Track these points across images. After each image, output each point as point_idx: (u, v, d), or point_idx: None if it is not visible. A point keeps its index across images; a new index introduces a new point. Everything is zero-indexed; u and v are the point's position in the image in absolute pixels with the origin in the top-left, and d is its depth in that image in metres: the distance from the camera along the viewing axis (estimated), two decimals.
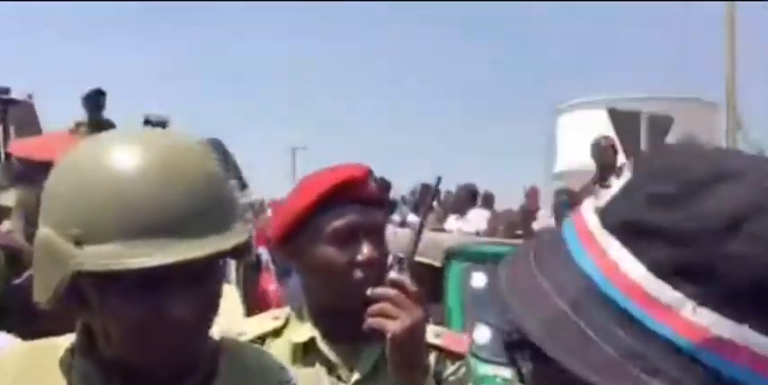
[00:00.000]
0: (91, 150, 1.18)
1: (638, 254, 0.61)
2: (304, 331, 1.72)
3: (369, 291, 1.58)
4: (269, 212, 8.12)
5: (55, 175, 1.20)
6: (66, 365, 1.27)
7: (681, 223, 0.59)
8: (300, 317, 1.76)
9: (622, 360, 0.60)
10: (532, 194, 8.73)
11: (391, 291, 1.56)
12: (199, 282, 1.18)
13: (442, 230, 7.65)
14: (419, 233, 1.68)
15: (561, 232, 0.69)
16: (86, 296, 1.20)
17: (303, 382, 1.61)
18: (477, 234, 7.42)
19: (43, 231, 1.18)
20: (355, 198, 1.68)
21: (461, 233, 7.55)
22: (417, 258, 5.67)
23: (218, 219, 1.18)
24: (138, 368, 1.23)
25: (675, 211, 0.59)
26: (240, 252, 1.25)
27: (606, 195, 0.67)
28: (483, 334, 5.02)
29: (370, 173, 1.71)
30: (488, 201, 11.78)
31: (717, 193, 0.59)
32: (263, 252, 6.85)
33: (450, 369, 1.72)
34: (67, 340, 1.31)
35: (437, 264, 5.09)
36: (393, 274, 1.59)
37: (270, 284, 6.48)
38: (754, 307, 0.57)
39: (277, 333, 1.75)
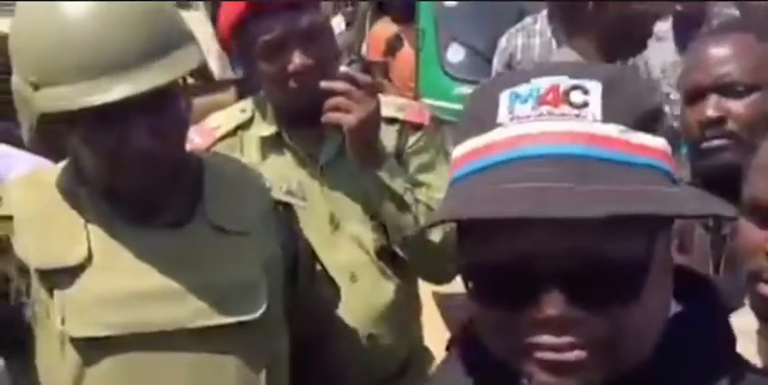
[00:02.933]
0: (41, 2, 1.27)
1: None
2: (269, 124, 1.80)
3: (321, 84, 1.63)
4: None
5: (14, 26, 1.28)
6: (69, 192, 1.35)
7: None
8: (264, 110, 1.81)
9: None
10: None
11: (343, 85, 1.63)
12: (157, 111, 1.26)
13: None
14: (363, 23, 1.70)
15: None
16: (61, 134, 1.30)
17: (275, 171, 1.72)
18: None
19: (14, 79, 1.29)
20: (282, 5, 1.67)
21: None
22: None
23: (159, 51, 1.24)
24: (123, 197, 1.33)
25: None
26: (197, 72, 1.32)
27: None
28: (456, 53, 5.06)
29: None
30: None
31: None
32: None
33: (412, 140, 1.81)
34: (57, 170, 1.39)
35: None
36: (343, 68, 1.66)
37: None
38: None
39: (247, 125, 1.82)
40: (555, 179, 0.68)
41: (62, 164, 1.40)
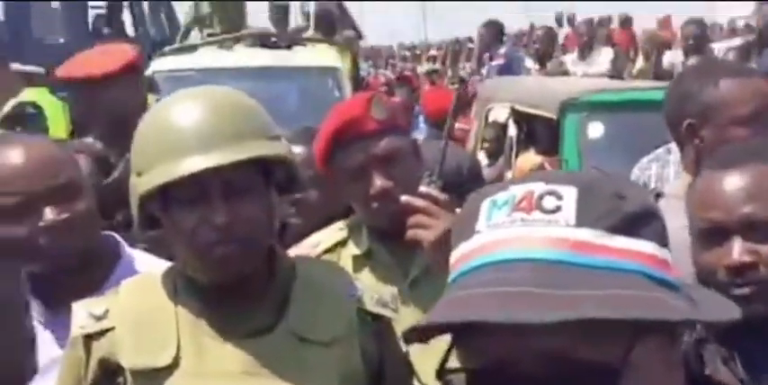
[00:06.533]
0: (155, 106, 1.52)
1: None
2: (362, 242, 1.94)
3: (402, 198, 1.74)
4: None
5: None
6: (170, 290, 1.47)
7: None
8: (359, 229, 1.96)
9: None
10: (665, 23, 8.31)
11: (422, 202, 1.71)
12: (236, 196, 1.38)
13: (565, 74, 7.43)
14: (445, 148, 1.79)
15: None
16: (158, 217, 1.45)
17: (366, 287, 1.76)
18: (611, 77, 7.12)
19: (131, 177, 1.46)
20: (359, 135, 1.82)
21: (586, 76, 7.31)
22: (531, 111, 5.62)
23: (233, 138, 1.38)
24: (210, 284, 1.43)
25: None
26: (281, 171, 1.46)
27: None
28: None
29: (371, 104, 1.83)
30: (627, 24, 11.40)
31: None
32: None
33: None
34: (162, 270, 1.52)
35: (552, 115, 5.04)
36: (422, 188, 1.75)
37: None
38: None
39: (344, 243, 1.96)
40: (520, 284, 0.69)
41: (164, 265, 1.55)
